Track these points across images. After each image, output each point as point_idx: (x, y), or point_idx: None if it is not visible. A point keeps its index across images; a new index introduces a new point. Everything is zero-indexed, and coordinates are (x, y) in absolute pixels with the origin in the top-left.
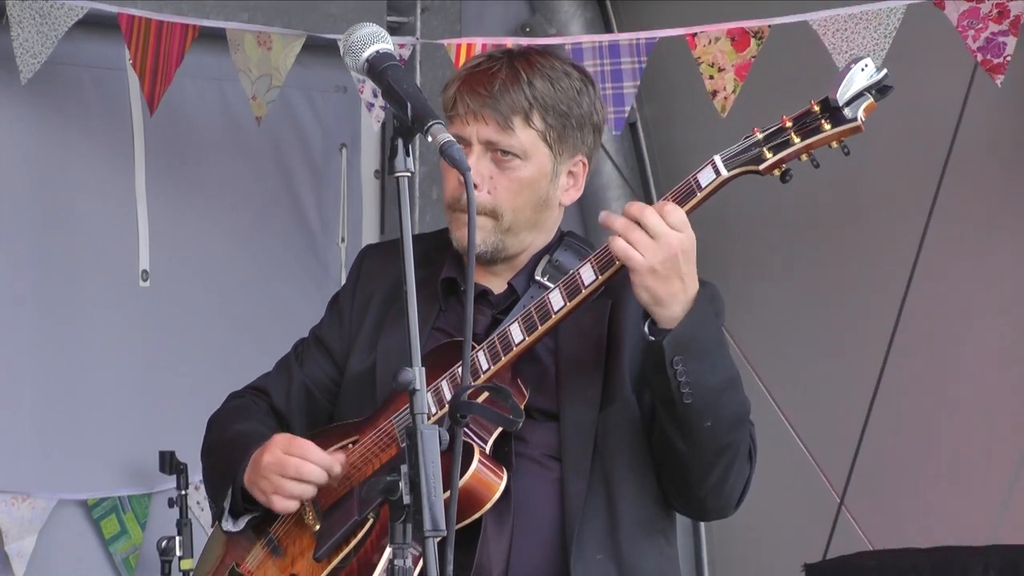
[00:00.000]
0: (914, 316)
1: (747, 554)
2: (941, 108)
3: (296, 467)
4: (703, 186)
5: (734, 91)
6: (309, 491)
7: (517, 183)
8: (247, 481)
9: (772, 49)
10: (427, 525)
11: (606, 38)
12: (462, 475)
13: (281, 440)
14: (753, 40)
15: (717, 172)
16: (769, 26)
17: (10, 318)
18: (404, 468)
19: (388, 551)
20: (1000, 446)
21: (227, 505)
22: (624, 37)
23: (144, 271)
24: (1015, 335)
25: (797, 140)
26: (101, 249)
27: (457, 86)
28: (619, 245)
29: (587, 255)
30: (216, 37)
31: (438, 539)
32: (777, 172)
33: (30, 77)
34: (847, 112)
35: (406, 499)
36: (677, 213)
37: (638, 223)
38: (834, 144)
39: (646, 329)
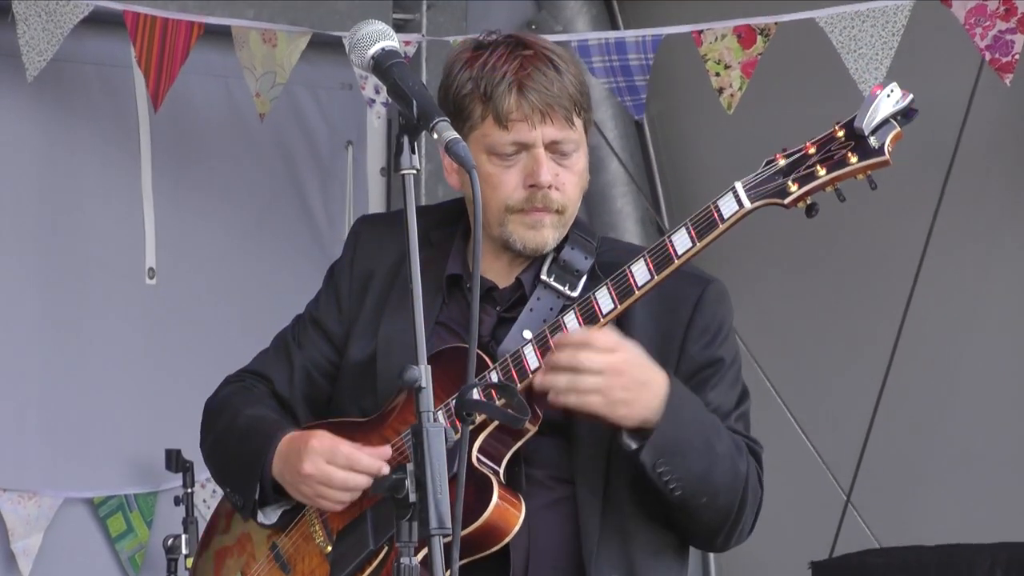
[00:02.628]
0: (920, 314)
1: (754, 552)
2: (947, 106)
3: (343, 480)
4: (726, 218)
5: (740, 88)
6: (356, 496)
7: (577, 176)
8: (280, 477)
9: (779, 46)
10: (432, 523)
11: (613, 35)
12: (483, 511)
13: (323, 449)
14: (760, 37)
15: (740, 203)
16: (776, 23)
17: (16, 316)
18: (410, 467)
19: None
20: (1006, 444)
21: (256, 497)
22: (631, 34)
23: (150, 269)
24: (1022, 332)
25: (822, 173)
26: (107, 247)
27: (515, 89)
28: (573, 400)
29: (592, 249)
30: (221, 34)
31: (445, 539)
32: (802, 205)
33: (36, 75)
34: (873, 141)
35: (411, 497)
36: (604, 337)
37: (576, 369)
38: (860, 176)
39: (628, 439)
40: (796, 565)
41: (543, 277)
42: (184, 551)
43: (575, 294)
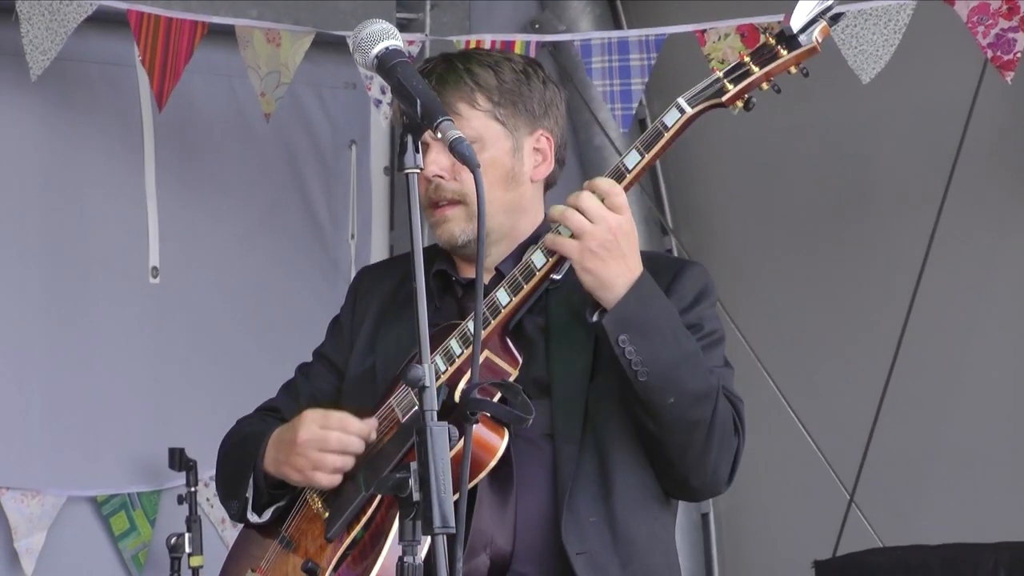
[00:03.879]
0: (924, 312)
1: (757, 550)
2: (951, 104)
3: (339, 440)
4: (668, 126)
5: None
6: (350, 463)
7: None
8: (271, 462)
9: None
10: (436, 522)
11: (615, 34)
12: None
13: (315, 416)
14: (763, 36)
15: (681, 111)
16: (779, 22)
17: (20, 315)
18: (413, 465)
19: (398, 522)
20: (1010, 442)
21: (250, 496)
22: (634, 33)
23: (154, 268)
24: None
25: (756, 70)
26: (111, 246)
27: None
28: (550, 237)
29: None
30: (225, 33)
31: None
32: (740, 103)
33: (40, 74)
34: (802, 39)
35: (415, 496)
36: (618, 196)
37: (576, 208)
38: (793, 69)
39: (592, 317)
40: (799, 564)
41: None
42: (187, 550)
43: (558, 277)
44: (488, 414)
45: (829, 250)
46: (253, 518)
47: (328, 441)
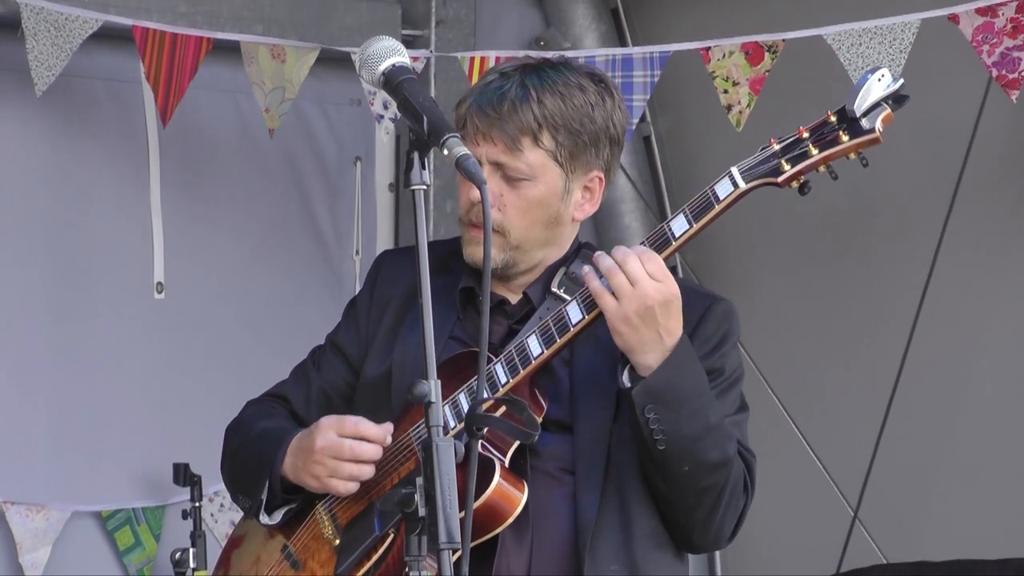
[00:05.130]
0: (928, 328)
1: (761, 567)
2: (955, 122)
3: (351, 448)
4: (721, 199)
5: (749, 105)
6: (367, 471)
7: (526, 201)
8: (290, 468)
9: (786, 63)
10: (442, 538)
11: (619, 51)
12: (484, 490)
13: (332, 422)
14: (767, 54)
15: (735, 184)
16: (783, 40)
17: (25, 330)
18: (419, 481)
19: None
20: (1015, 458)
21: (264, 497)
22: (638, 51)
23: (159, 283)
24: None
25: (815, 152)
26: (116, 261)
27: (467, 105)
28: (596, 286)
29: None
30: (230, 49)
31: (455, 552)
32: (795, 184)
33: (45, 89)
34: (864, 123)
35: (421, 511)
36: (657, 263)
37: (621, 267)
38: (852, 155)
39: (624, 377)
40: None
41: (553, 289)
42: (192, 565)
43: None
44: (495, 429)
45: (833, 266)
46: (264, 519)
47: (342, 449)
